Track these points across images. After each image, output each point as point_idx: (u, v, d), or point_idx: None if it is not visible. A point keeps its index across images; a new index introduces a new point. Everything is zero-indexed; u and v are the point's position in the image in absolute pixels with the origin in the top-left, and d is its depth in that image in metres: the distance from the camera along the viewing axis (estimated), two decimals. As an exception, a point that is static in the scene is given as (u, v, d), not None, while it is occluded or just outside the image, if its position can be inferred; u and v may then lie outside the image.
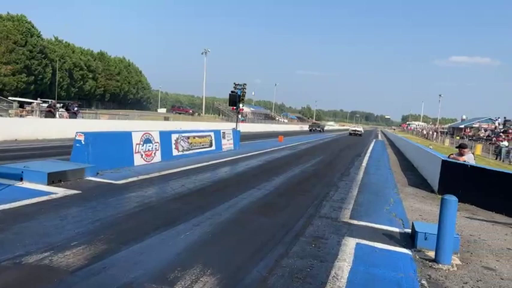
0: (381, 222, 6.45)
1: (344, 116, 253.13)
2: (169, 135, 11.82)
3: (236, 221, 5.89)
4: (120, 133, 10.23)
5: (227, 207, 6.62)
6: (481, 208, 8.22)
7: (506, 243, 5.89)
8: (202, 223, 5.56)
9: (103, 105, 77.14)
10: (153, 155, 10.82)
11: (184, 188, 7.91)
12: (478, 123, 51.54)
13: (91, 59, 75.08)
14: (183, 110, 72.86)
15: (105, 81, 79.39)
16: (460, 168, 9.09)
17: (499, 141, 30.06)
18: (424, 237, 5.22)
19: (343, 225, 6.09)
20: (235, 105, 17.64)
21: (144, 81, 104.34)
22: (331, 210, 7.09)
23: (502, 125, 40.64)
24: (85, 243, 4.35)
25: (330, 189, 9.21)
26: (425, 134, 68.70)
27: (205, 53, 69.82)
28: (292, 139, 31.07)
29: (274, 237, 5.21)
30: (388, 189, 10.05)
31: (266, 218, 6.17)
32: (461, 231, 6.30)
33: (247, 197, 7.53)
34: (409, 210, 7.70)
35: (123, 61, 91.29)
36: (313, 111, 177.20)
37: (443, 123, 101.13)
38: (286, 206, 7.17)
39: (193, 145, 13.14)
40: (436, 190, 9.80)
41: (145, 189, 7.46)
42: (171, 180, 8.71)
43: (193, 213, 6.01)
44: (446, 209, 4.64)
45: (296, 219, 6.23)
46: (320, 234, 5.52)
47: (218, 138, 15.33)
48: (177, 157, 11.99)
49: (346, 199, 8.21)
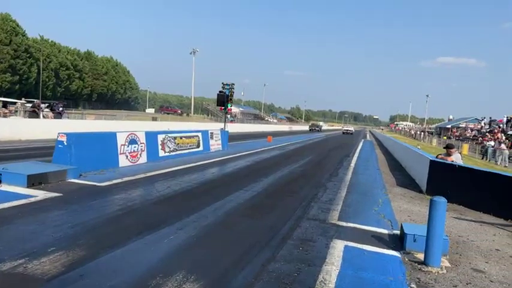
0: (370, 224, 6.37)
1: (333, 116, 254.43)
2: (155, 135, 11.61)
3: (222, 223, 5.74)
4: (105, 134, 9.99)
5: (213, 209, 6.46)
6: (469, 208, 8.21)
7: (494, 244, 5.86)
8: (187, 226, 5.40)
9: (90, 105, 76.16)
10: (139, 156, 10.61)
11: (169, 189, 7.73)
12: (465, 123, 52.17)
13: (78, 59, 74.03)
14: (171, 110, 72.32)
15: (92, 81, 78.38)
16: (448, 169, 9.08)
17: (485, 141, 30.42)
18: (413, 239, 5.15)
19: (331, 227, 5.99)
20: (224, 106, 17.46)
21: (132, 81, 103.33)
22: (319, 211, 6.99)
23: (488, 124, 41.16)
24: (63, 249, 4.17)
25: (318, 190, 9.12)
26: (413, 134, 69.37)
27: (193, 53, 69.41)
28: (281, 139, 31.00)
29: (261, 240, 5.08)
30: (376, 189, 10.00)
31: (253, 221, 6.04)
32: (449, 232, 6.25)
33: (234, 199, 7.39)
34: (398, 211, 7.64)
35: (111, 61, 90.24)
36: (302, 112, 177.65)
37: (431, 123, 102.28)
38: (274, 207, 7.04)
39: (180, 146, 12.94)
40: (424, 190, 9.78)
41: (129, 192, 7.27)
42: (157, 181, 8.52)
43: (178, 216, 5.84)
44: (436, 210, 4.57)
45: (284, 221, 6.11)
46: (308, 237, 5.41)
47: (206, 139, 15.14)
48: (163, 158, 11.79)
49: (335, 200, 8.12)
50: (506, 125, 35.33)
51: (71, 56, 71.52)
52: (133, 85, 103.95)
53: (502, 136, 30.41)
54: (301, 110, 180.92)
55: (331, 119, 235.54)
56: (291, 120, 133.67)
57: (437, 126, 70.95)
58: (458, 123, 54.71)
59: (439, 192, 9.16)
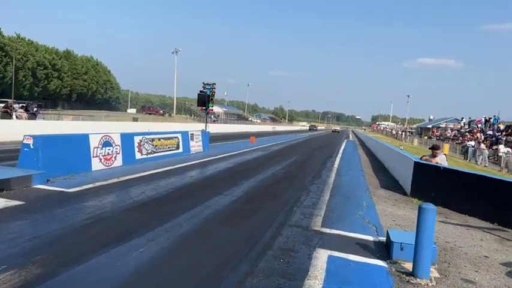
0: (354, 230, 6.08)
1: (316, 116, 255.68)
2: (131, 137, 11.11)
3: (198, 233, 5.35)
4: (76, 136, 9.45)
5: (189, 217, 6.06)
6: (455, 211, 8.02)
7: (482, 250, 5.64)
8: (160, 237, 4.99)
9: (69, 106, 74.31)
10: (114, 159, 10.09)
11: (144, 195, 7.28)
12: (445, 123, 52.84)
13: (56, 58, 72.13)
14: (153, 110, 71.12)
15: (71, 81, 76.54)
16: (433, 170, 8.90)
17: (465, 141, 30.78)
18: (400, 247, 4.87)
19: (314, 235, 5.67)
20: (205, 106, 17.01)
21: (113, 81, 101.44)
22: (302, 217, 6.66)
23: (467, 124, 41.76)
24: (16, 267, 3.72)
25: (301, 194, 8.81)
26: (394, 134, 70.08)
27: (175, 53, 68.31)
28: (264, 140, 30.71)
29: (240, 251, 4.71)
30: (360, 192, 9.75)
31: (232, 229, 5.66)
32: (436, 238, 6.01)
33: (213, 205, 7.00)
34: (383, 215, 7.39)
35: (91, 60, 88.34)
36: (286, 112, 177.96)
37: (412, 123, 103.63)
38: (255, 213, 6.69)
39: (158, 148, 12.45)
40: (409, 192, 9.59)
41: (99, 198, 6.79)
42: (131, 186, 8.06)
43: (150, 225, 5.43)
44: (424, 218, 4.29)
45: (264, 229, 5.76)
46: (289, 246, 5.07)
47: (186, 140, 14.67)
48: (140, 161, 11.29)
49: (318, 204, 7.82)
50: (484, 125, 35.86)
51: (49, 55, 69.64)
52: (114, 85, 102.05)
53: (481, 136, 30.82)
54: (284, 111, 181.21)
55: (314, 119, 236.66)
56: (274, 121, 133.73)
57: (418, 126, 71.83)
58: (439, 123, 55.43)
59: (424, 195, 9.02)
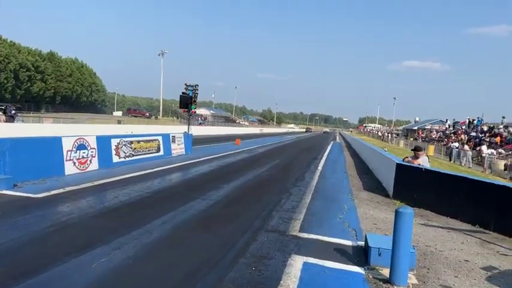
0: (333, 235, 5.88)
1: (304, 118, 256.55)
2: (108, 140, 10.76)
3: (168, 240, 5.08)
4: (48, 138, 9.09)
5: (161, 223, 5.79)
6: (436, 213, 7.91)
7: (463, 254, 5.49)
8: (126, 245, 4.71)
9: (53, 109, 73.01)
10: (89, 162, 9.75)
11: (116, 200, 6.98)
12: (430, 125, 53.28)
13: (39, 60, 70.77)
14: (139, 112, 70.22)
15: (55, 83, 75.15)
16: (415, 172, 8.79)
17: (450, 142, 31.02)
18: (378, 252, 4.68)
19: (291, 240, 5.45)
20: (187, 107, 16.71)
21: (99, 83, 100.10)
22: (280, 222, 6.44)
23: (452, 126, 42.18)
24: (-40, 282, 3.41)
25: (282, 197, 8.60)
26: (380, 136, 70.55)
27: (162, 55, 67.77)
28: (250, 142, 30.48)
29: (210, 259, 4.46)
30: (342, 194, 9.59)
31: (205, 235, 5.41)
32: (417, 241, 5.86)
33: (188, 209, 6.73)
34: (363, 218, 7.22)
35: (76, 62, 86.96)
36: (274, 114, 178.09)
37: (398, 125, 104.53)
38: (231, 218, 6.44)
39: (137, 150, 12.12)
40: (391, 194, 9.46)
41: (68, 204, 6.47)
42: (104, 191, 7.74)
43: (118, 232, 5.14)
44: (401, 222, 4.10)
45: (239, 234, 5.52)
46: (264, 253, 4.84)
47: (167, 143, 14.35)
48: (118, 164, 10.95)
49: (298, 208, 7.61)
50: (468, 127, 36.25)
51: (32, 57, 68.27)
52: (100, 87, 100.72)
53: (465, 137, 31.10)
54: (272, 113, 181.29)
55: (302, 122, 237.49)
56: (262, 123, 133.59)
57: (404, 128, 72.39)
58: (424, 125, 55.86)
59: (406, 197, 8.91)
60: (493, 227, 6.81)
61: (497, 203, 6.88)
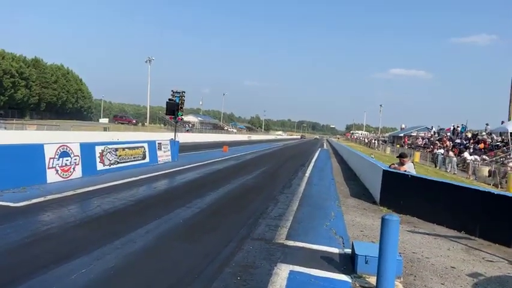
0: (320, 242, 5.83)
1: (292, 125, 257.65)
2: (92, 147, 10.56)
3: (151, 250, 4.95)
4: (29, 146, 8.87)
5: (145, 232, 5.65)
6: (423, 220, 7.92)
7: (449, 261, 5.48)
8: (108, 255, 4.58)
9: (38, 115, 71.88)
10: (72, 170, 9.54)
11: (99, 209, 6.81)
12: (416, 131, 53.92)
13: (24, 66, 69.72)
14: (125, 119, 69.50)
15: (40, 90, 74.07)
16: (401, 179, 8.82)
17: (435, 149, 31.39)
18: (365, 260, 4.64)
19: (277, 249, 5.37)
20: (174, 114, 16.56)
21: (85, 90, 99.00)
22: (267, 229, 6.36)
23: (437, 133, 42.76)
24: None
25: (268, 204, 8.52)
26: (367, 143, 71.15)
27: (149, 61, 67.33)
28: (238, 149, 30.39)
29: (194, 269, 4.36)
30: (329, 201, 9.56)
31: (189, 245, 5.29)
32: (403, 249, 5.84)
33: (173, 218, 6.61)
34: (350, 225, 7.18)
35: (61, 68, 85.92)
36: (262, 121, 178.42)
37: (385, 131, 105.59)
38: (216, 227, 6.33)
39: (122, 158, 11.92)
40: (378, 201, 9.47)
41: (48, 213, 6.29)
42: (87, 199, 7.56)
43: (100, 242, 5.00)
44: (388, 230, 4.06)
45: (225, 243, 5.42)
46: (249, 262, 4.75)
47: (153, 150, 14.18)
48: (102, 172, 10.74)
49: (285, 215, 7.54)
50: (453, 134, 36.78)
51: (16, 63, 67.25)
52: (86, 94, 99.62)
53: (450, 144, 31.53)
54: (261, 120, 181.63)
55: (290, 128, 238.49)
56: (250, 130, 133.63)
57: (390, 135, 73.13)
58: (410, 132, 56.47)
59: (393, 203, 8.92)
60: (479, 233, 6.84)
61: (482, 209, 6.92)
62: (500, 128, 26.57)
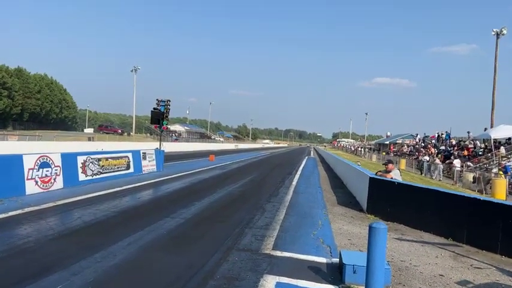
0: (307, 252, 5.71)
1: (279, 134, 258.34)
2: (74, 157, 10.30)
3: (133, 263, 4.76)
4: (6, 157, 8.58)
5: (126, 244, 5.46)
6: (410, 227, 7.88)
7: (438, 269, 5.41)
8: (86, 269, 4.37)
9: (21, 126, 70.42)
10: (53, 181, 9.26)
11: (79, 221, 6.58)
12: (401, 139, 54.53)
13: (6, 76, 68.49)
14: (111, 129, 68.70)
15: (22, 100, 72.75)
16: (388, 186, 8.80)
17: (420, 156, 31.73)
18: (353, 270, 4.54)
19: (263, 259, 5.24)
20: (159, 123, 16.35)
21: (69, 100, 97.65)
22: (253, 240, 6.22)
23: (422, 140, 43.30)
24: None
25: (255, 214, 8.39)
26: (354, 150, 71.67)
27: (134, 71, 66.81)
28: (225, 158, 30.21)
29: (177, 282, 4.19)
30: (316, 209, 9.47)
31: (172, 256, 5.12)
32: (392, 257, 5.77)
33: (155, 229, 6.41)
34: (338, 233, 7.09)
35: (45, 78, 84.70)
36: (249, 130, 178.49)
37: (371, 139, 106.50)
38: (201, 238, 6.17)
39: (105, 168, 11.66)
40: (365, 209, 9.42)
41: (25, 226, 6.04)
42: (68, 211, 7.32)
43: (79, 255, 4.79)
44: (375, 238, 3.97)
45: (209, 255, 5.26)
46: (234, 274, 4.60)
47: (137, 160, 13.93)
48: (84, 182, 10.47)
49: (271, 224, 7.41)
50: (437, 141, 37.28)
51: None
52: (70, 104, 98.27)
53: (434, 151, 31.91)
54: (248, 129, 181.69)
55: (277, 137, 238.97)
56: (238, 139, 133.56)
57: (376, 142, 73.83)
58: (396, 139, 57.11)
59: (380, 211, 8.88)
60: (466, 240, 6.82)
61: (468, 216, 6.91)
62: (483, 134, 26.98)
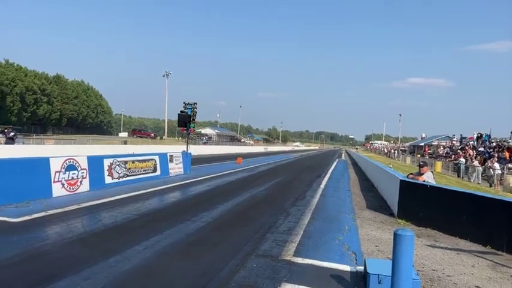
0: (330, 259, 5.39)
1: (310, 136, 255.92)
2: (100, 160, 10.40)
3: (145, 269, 4.61)
4: (34, 160, 8.75)
5: (143, 248, 5.34)
6: (444, 233, 7.37)
7: (474, 279, 4.95)
8: (98, 274, 4.27)
9: (60, 130, 73.44)
10: (79, 183, 9.37)
11: (99, 224, 6.56)
12: (437, 141, 52.56)
13: (46, 83, 71.65)
14: (144, 133, 70.36)
15: (61, 105, 75.90)
16: (420, 189, 8.28)
17: (457, 158, 30.31)
18: (378, 280, 4.19)
19: (283, 266, 4.96)
20: (186, 126, 16.40)
21: (105, 105, 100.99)
22: (274, 245, 5.96)
23: (459, 142, 41.47)
24: None
25: (278, 217, 8.12)
26: (387, 153, 69.75)
27: (166, 75, 68.24)
28: (253, 160, 30.06)
29: (189, 290, 4.00)
30: (344, 214, 9.07)
31: (188, 262, 4.94)
32: (422, 265, 5.35)
33: (174, 233, 6.28)
34: (365, 239, 6.70)
35: (82, 84, 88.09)
36: (279, 133, 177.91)
37: (405, 141, 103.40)
38: (220, 242, 5.97)
39: (132, 171, 11.74)
40: (396, 213, 8.94)
41: (46, 228, 6.07)
42: (90, 214, 7.33)
43: (93, 260, 4.70)
44: (401, 246, 3.63)
45: (226, 260, 5.04)
46: (251, 282, 4.36)
47: (164, 162, 13.98)
48: (111, 185, 10.56)
49: (295, 229, 7.12)
50: (476, 142, 35.53)
51: (38, 80, 69.16)
52: (106, 109, 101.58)
53: (473, 153, 30.40)
54: (278, 131, 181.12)
55: (307, 139, 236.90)
56: (267, 141, 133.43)
57: (411, 144, 71.56)
58: (431, 141, 55.15)
59: (411, 215, 8.37)
60: (506, 247, 6.26)
61: (509, 222, 6.35)
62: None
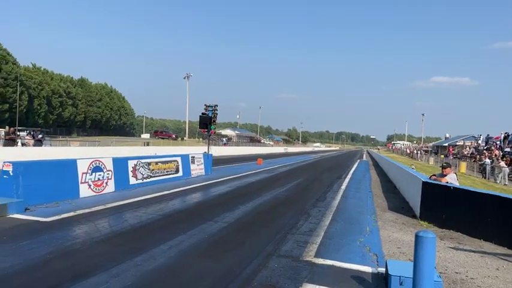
0: (351, 260, 5.42)
1: (330, 137, 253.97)
2: (125, 161, 10.70)
3: (171, 267, 4.76)
4: (62, 161, 9.09)
5: (167, 248, 5.50)
6: (468, 235, 7.27)
7: (498, 282, 4.89)
8: (126, 272, 4.44)
9: (85, 132, 75.52)
10: (105, 184, 9.67)
11: (125, 224, 6.77)
12: (462, 141, 51.34)
13: (71, 86, 73.86)
14: (165, 134, 71.38)
15: (85, 108, 78.02)
16: (443, 190, 8.19)
17: (483, 159, 29.56)
18: (399, 281, 4.21)
19: (304, 267, 5.03)
20: (207, 128, 16.65)
21: (128, 107, 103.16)
22: (295, 246, 6.03)
23: (485, 142, 40.38)
24: None
25: (299, 219, 8.17)
26: (409, 153, 68.55)
27: (187, 78, 69.03)
28: (273, 161, 30.13)
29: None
30: (365, 215, 9.05)
31: (211, 262, 5.06)
32: (445, 268, 5.31)
33: (197, 233, 6.43)
34: (386, 241, 6.69)
35: (105, 87, 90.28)
36: (299, 133, 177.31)
37: (428, 141, 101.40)
38: (241, 243, 6.08)
39: (155, 172, 12.01)
40: (418, 215, 8.85)
41: (75, 228, 6.32)
42: (116, 214, 7.57)
43: (120, 258, 4.89)
44: (422, 248, 3.65)
45: (248, 261, 5.15)
46: (273, 282, 4.44)
47: (186, 164, 14.23)
48: (135, 186, 10.84)
49: (316, 230, 7.16)
50: (503, 142, 34.52)
51: (63, 83, 71.35)
52: (128, 111, 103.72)
53: (499, 153, 29.57)
54: (298, 132, 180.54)
55: (328, 140, 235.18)
56: (287, 142, 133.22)
57: (434, 144, 70.13)
58: (455, 141, 53.95)
59: (434, 217, 8.29)
60: (533, 251, 6.14)
61: (536, 224, 6.22)
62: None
